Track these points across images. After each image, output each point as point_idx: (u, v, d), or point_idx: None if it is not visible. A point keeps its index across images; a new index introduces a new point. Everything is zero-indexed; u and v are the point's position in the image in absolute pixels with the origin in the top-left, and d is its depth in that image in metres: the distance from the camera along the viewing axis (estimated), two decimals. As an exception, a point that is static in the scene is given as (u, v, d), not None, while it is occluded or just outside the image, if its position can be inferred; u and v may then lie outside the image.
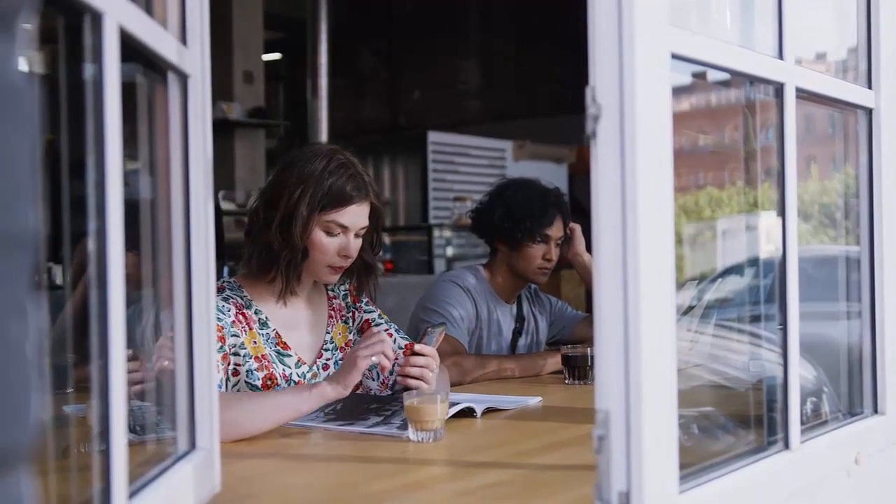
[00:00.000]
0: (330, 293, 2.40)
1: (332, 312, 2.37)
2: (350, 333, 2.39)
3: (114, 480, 1.00)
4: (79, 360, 1.13)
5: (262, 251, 2.20)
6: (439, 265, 7.17)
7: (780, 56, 1.51)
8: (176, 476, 1.25)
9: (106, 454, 1.00)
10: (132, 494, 1.08)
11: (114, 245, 1.00)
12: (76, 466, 1.22)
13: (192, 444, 1.36)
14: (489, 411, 2.18)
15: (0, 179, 0.56)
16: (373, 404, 2.14)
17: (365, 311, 2.42)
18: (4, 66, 0.58)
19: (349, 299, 2.42)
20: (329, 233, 2.19)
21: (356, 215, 2.21)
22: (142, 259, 1.30)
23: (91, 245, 1.00)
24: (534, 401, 2.35)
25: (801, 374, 1.55)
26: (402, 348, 2.36)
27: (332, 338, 2.35)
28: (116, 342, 1.00)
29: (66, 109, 1.03)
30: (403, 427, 1.89)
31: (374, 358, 1.96)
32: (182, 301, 1.35)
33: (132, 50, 1.10)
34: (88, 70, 1.00)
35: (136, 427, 1.32)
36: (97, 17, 0.99)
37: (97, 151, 0.99)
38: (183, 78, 1.34)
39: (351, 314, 2.41)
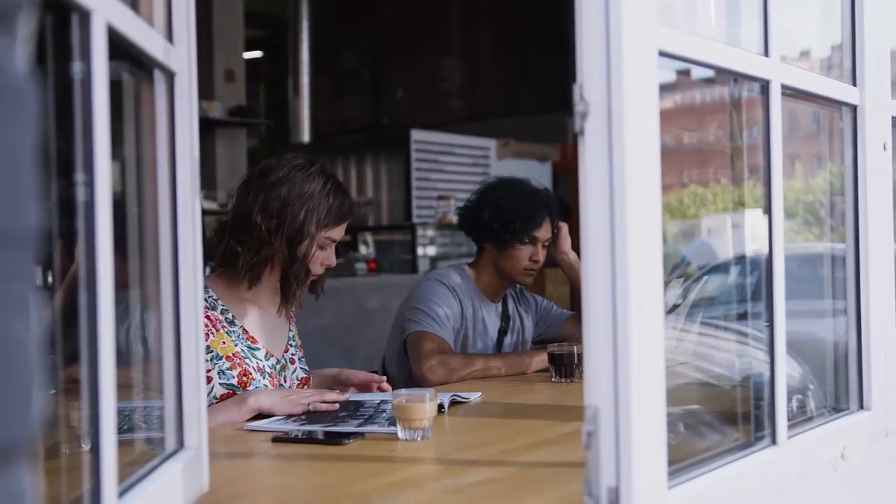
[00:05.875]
0: None
1: (292, 313, 2.46)
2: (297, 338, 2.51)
3: (103, 480, 0.99)
4: (62, 360, 1.12)
5: (262, 262, 2.24)
6: (423, 264, 7.16)
7: (766, 53, 1.51)
8: (165, 475, 1.24)
9: (95, 454, 0.99)
10: (121, 493, 1.07)
11: (102, 245, 0.99)
12: (62, 466, 1.21)
13: (181, 444, 1.36)
14: (453, 404, 2.22)
15: (4, 177, 0.57)
16: (350, 407, 2.15)
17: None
18: (5, 64, 0.58)
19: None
20: (322, 247, 2.28)
21: (344, 229, 2.34)
22: (128, 259, 1.29)
23: (79, 245, 0.99)
24: (474, 396, 2.37)
25: (786, 371, 1.56)
26: (298, 380, 2.41)
27: (293, 335, 2.45)
28: (105, 342, 0.99)
29: (53, 107, 1.02)
30: (393, 423, 1.89)
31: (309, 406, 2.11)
32: (169, 301, 1.35)
33: (118, 48, 1.10)
34: (76, 67, 1.00)
35: (122, 426, 1.31)
36: (85, 15, 0.98)
37: (85, 150, 0.99)
38: (170, 76, 1.33)
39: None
